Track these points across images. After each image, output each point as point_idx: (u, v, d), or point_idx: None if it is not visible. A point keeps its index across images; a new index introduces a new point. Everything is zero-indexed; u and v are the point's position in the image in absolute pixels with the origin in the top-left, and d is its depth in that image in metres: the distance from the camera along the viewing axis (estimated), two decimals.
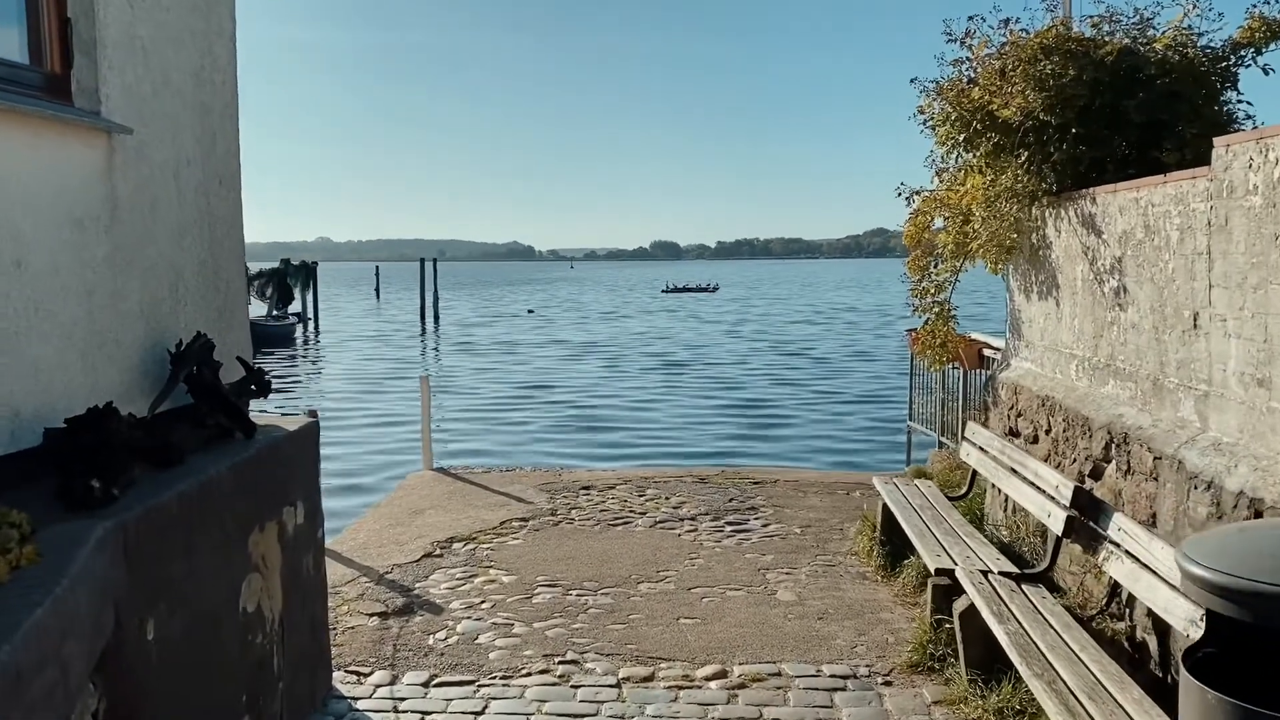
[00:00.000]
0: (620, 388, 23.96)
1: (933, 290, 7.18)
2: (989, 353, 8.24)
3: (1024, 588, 4.65)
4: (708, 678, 4.81)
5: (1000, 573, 4.82)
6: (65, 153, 3.27)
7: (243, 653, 3.66)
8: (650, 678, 4.82)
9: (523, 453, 15.29)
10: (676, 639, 5.30)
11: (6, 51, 3.19)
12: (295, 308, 43.72)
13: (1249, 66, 5.54)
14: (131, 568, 2.80)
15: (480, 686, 4.73)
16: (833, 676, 4.81)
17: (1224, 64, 5.53)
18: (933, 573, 5.06)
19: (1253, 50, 5.48)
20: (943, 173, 6.79)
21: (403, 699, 4.62)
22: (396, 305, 66.23)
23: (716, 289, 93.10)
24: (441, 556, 6.83)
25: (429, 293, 53.12)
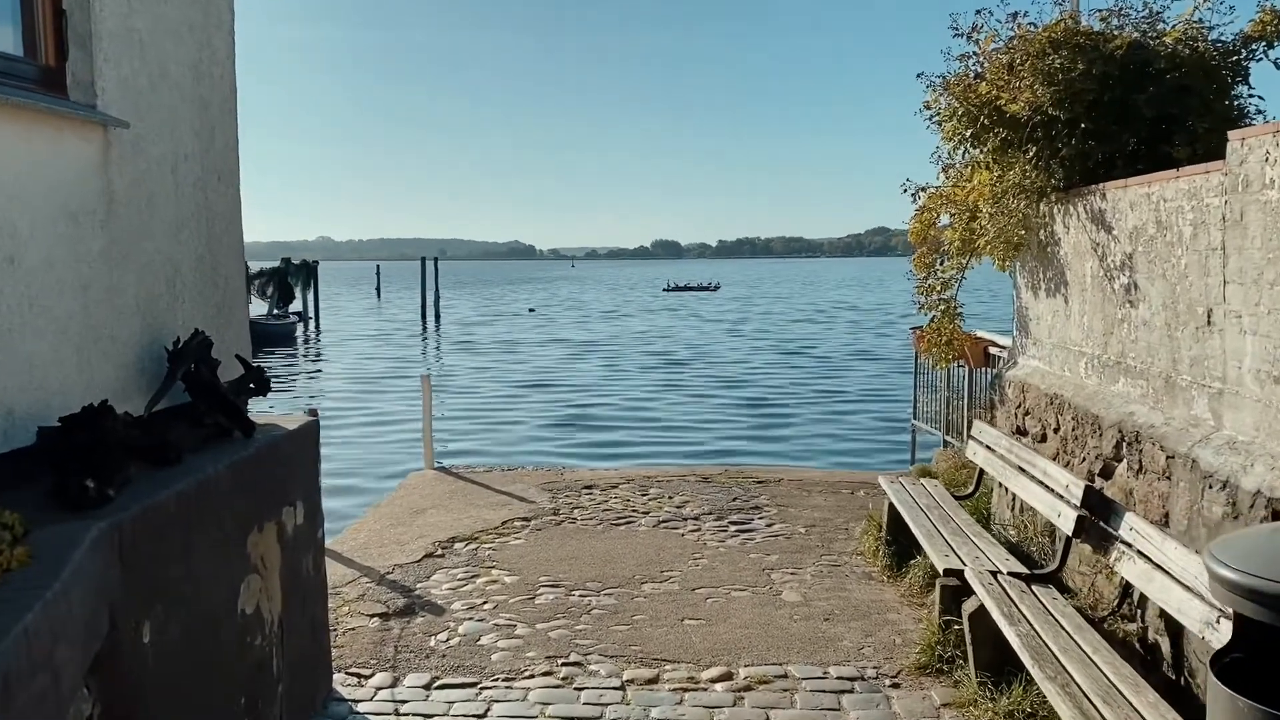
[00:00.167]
0: (622, 387, 23.88)
1: (938, 288, 7.12)
2: (995, 351, 8.17)
3: (1034, 588, 4.59)
4: (713, 680, 4.75)
5: (1010, 573, 4.76)
6: (60, 146, 3.21)
7: (241, 655, 3.60)
8: (655, 680, 4.76)
9: (524, 452, 15.23)
10: (681, 640, 5.24)
11: (0, 44, 3.13)
12: (296, 307, 43.66)
13: (1260, 60, 5.46)
14: (127, 569, 2.75)
15: (482, 689, 4.67)
16: (840, 678, 4.75)
17: (1235, 58, 5.46)
18: (941, 573, 5.01)
19: (1264, 44, 5.39)
20: (949, 169, 6.72)
21: (404, 701, 4.57)
22: (397, 304, 66.16)
23: (718, 288, 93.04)
24: (443, 556, 6.78)
25: (430, 292, 53.08)
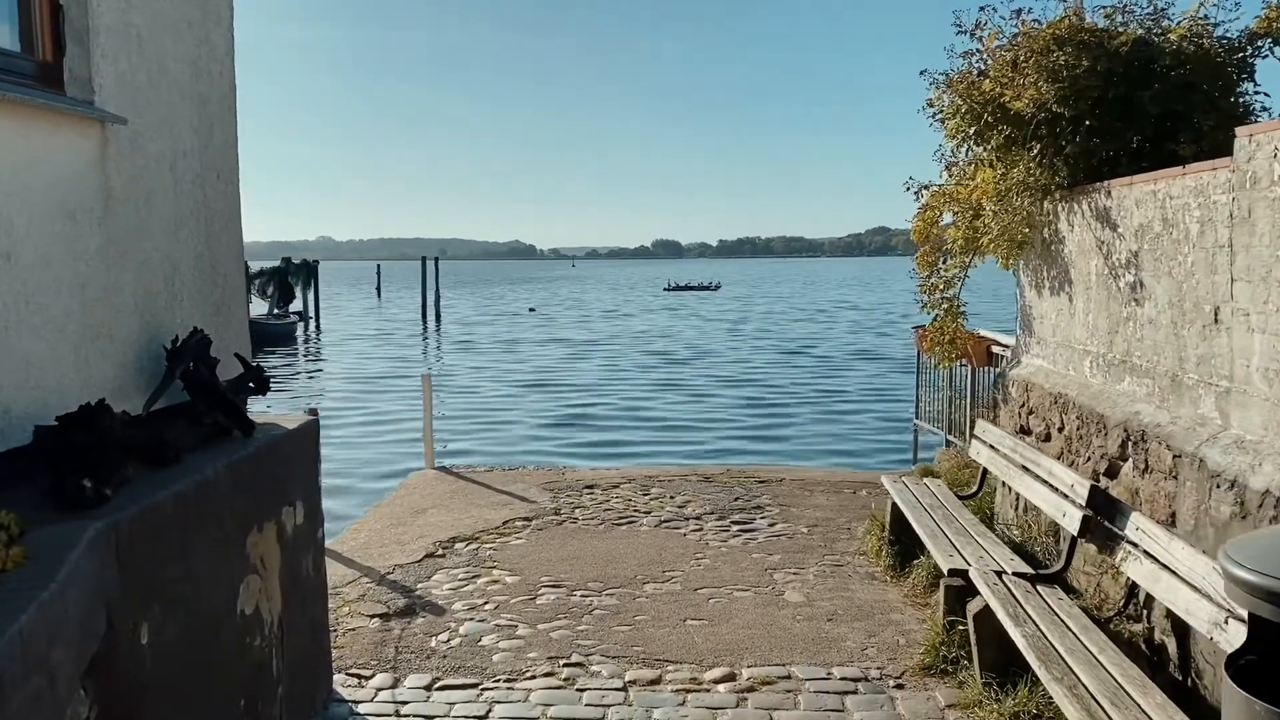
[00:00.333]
0: (623, 386, 23.85)
1: (941, 286, 7.09)
2: (998, 350, 8.14)
3: (1039, 589, 4.56)
4: (716, 680, 4.72)
5: (1015, 573, 4.72)
6: (57, 143, 3.18)
7: (241, 656, 3.57)
8: (657, 680, 4.73)
9: (525, 451, 15.20)
10: (684, 641, 5.21)
11: None
12: (296, 306, 43.63)
13: (1266, 57, 5.42)
14: (125, 569, 2.71)
15: (484, 690, 4.64)
16: (843, 679, 4.72)
17: (1240, 55, 5.42)
18: (945, 573, 4.97)
19: (1270, 40, 5.36)
20: (952, 166, 6.69)
21: (405, 702, 4.54)
22: (398, 304, 66.13)
23: (718, 287, 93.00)
24: (444, 556, 6.74)
25: (430, 291, 53.04)
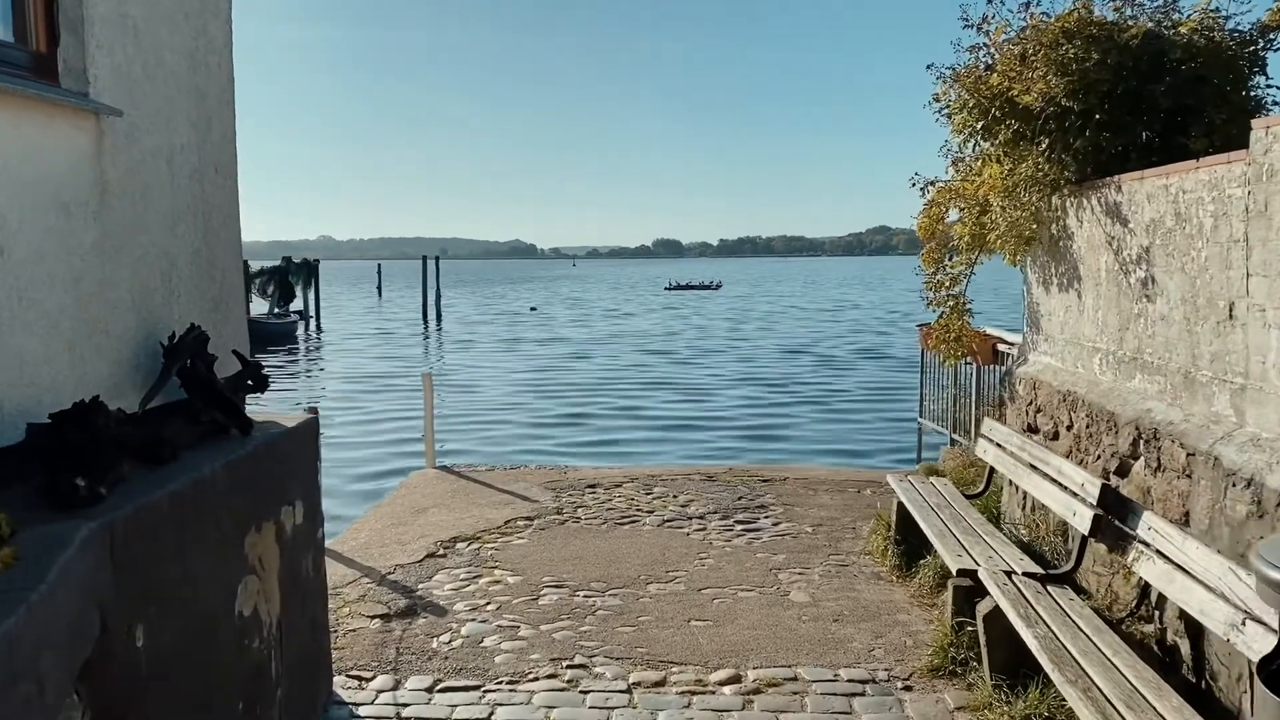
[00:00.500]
0: (624, 385, 23.79)
1: (947, 283, 7.03)
2: (1004, 347, 8.07)
3: (1049, 589, 4.49)
4: (721, 682, 4.65)
5: (1025, 574, 4.66)
6: (51, 135, 3.11)
7: (239, 658, 3.50)
8: (662, 682, 4.66)
9: (527, 450, 15.13)
10: (688, 642, 5.14)
11: None
12: (297, 305, 43.58)
13: (1278, 50, 5.37)
14: (119, 571, 2.65)
15: (486, 692, 4.58)
16: (851, 681, 4.65)
17: (1252, 48, 5.35)
18: (954, 574, 4.90)
19: None
20: (958, 162, 6.62)
21: (406, 705, 4.47)
22: (398, 303, 66.08)
23: (719, 286, 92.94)
24: (445, 556, 6.68)
25: (431, 291, 52.98)
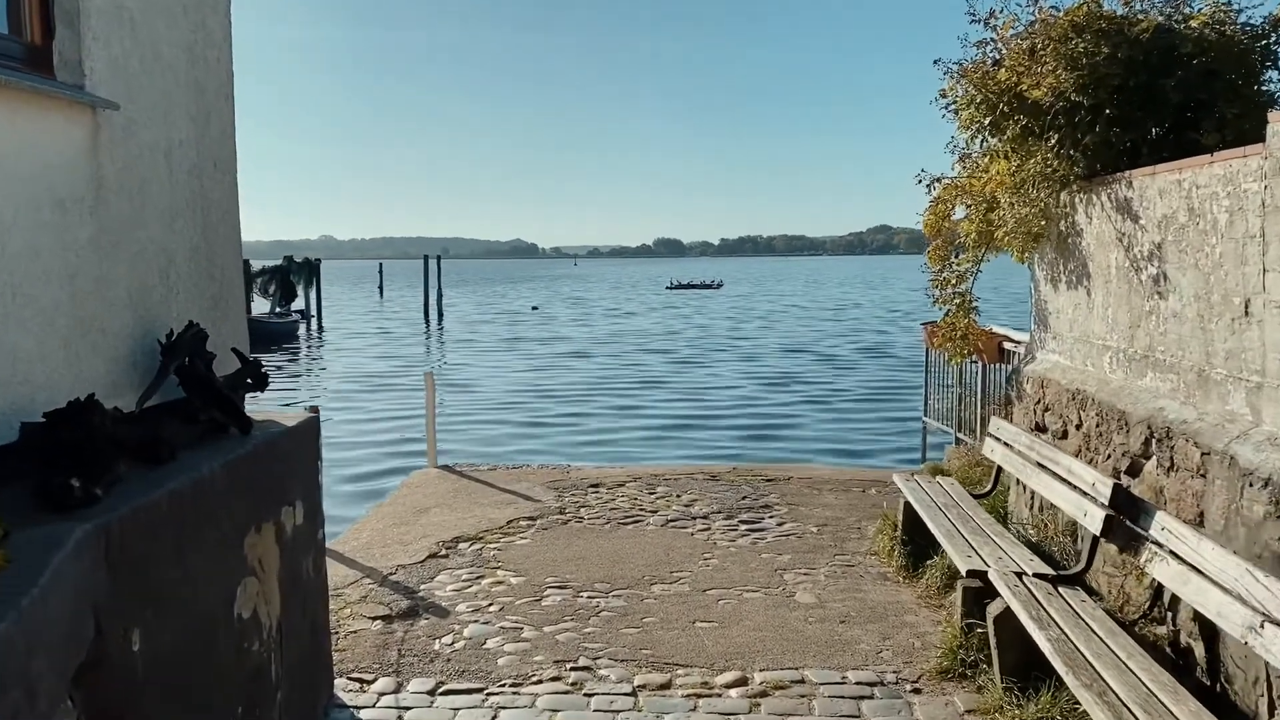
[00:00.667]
0: (626, 384, 23.72)
1: (953, 281, 6.97)
2: (1010, 346, 8.01)
3: (1061, 590, 4.42)
4: (728, 685, 4.59)
5: (1035, 575, 4.59)
6: (46, 128, 3.05)
7: (238, 661, 3.44)
8: (667, 685, 4.60)
9: (529, 450, 15.06)
10: (693, 644, 5.08)
11: None
12: (298, 305, 43.53)
13: None
14: (115, 573, 2.59)
15: (489, 695, 4.52)
16: (859, 684, 4.59)
17: (1264, 42, 5.28)
18: (964, 574, 4.83)
19: None
20: (965, 158, 6.55)
21: (408, 708, 4.41)
22: (400, 303, 66.00)
23: (721, 285, 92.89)
24: (447, 557, 6.62)
25: (433, 290, 52.94)
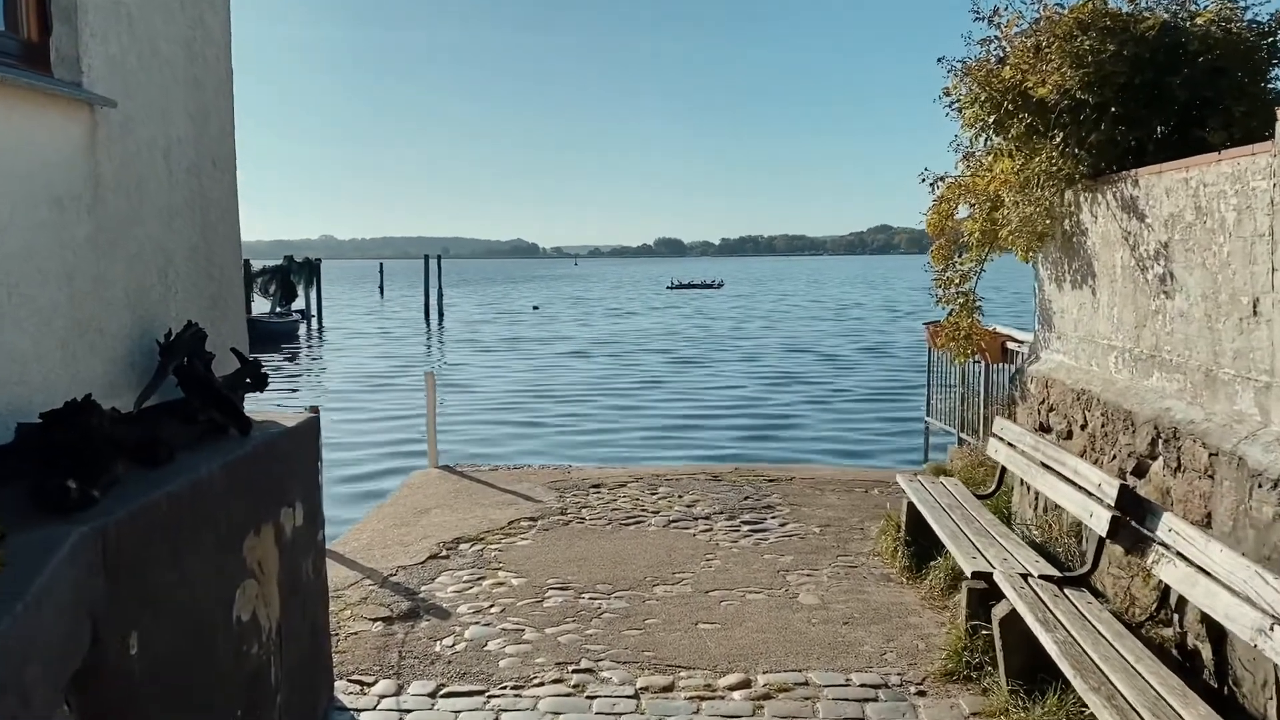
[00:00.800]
0: (627, 384, 23.69)
1: (957, 280, 6.93)
2: (1013, 346, 7.98)
3: (1067, 592, 4.38)
4: (731, 687, 4.55)
5: (1041, 576, 4.55)
6: (43, 126, 3.02)
7: (237, 664, 3.40)
8: (670, 687, 4.56)
9: (530, 450, 15.03)
10: (696, 645, 5.04)
11: None
12: (299, 305, 43.51)
13: None
14: (112, 577, 2.55)
15: (490, 697, 4.48)
16: (863, 686, 4.55)
17: (1271, 39, 5.24)
18: (968, 576, 4.79)
19: None
20: (969, 157, 6.51)
21: (409, 710, 4.38)
22: (400, 302, 65.99)
23: (721, 285, 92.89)
24: (448, 558, 6.58)
25: (433, 290, 52.91)
